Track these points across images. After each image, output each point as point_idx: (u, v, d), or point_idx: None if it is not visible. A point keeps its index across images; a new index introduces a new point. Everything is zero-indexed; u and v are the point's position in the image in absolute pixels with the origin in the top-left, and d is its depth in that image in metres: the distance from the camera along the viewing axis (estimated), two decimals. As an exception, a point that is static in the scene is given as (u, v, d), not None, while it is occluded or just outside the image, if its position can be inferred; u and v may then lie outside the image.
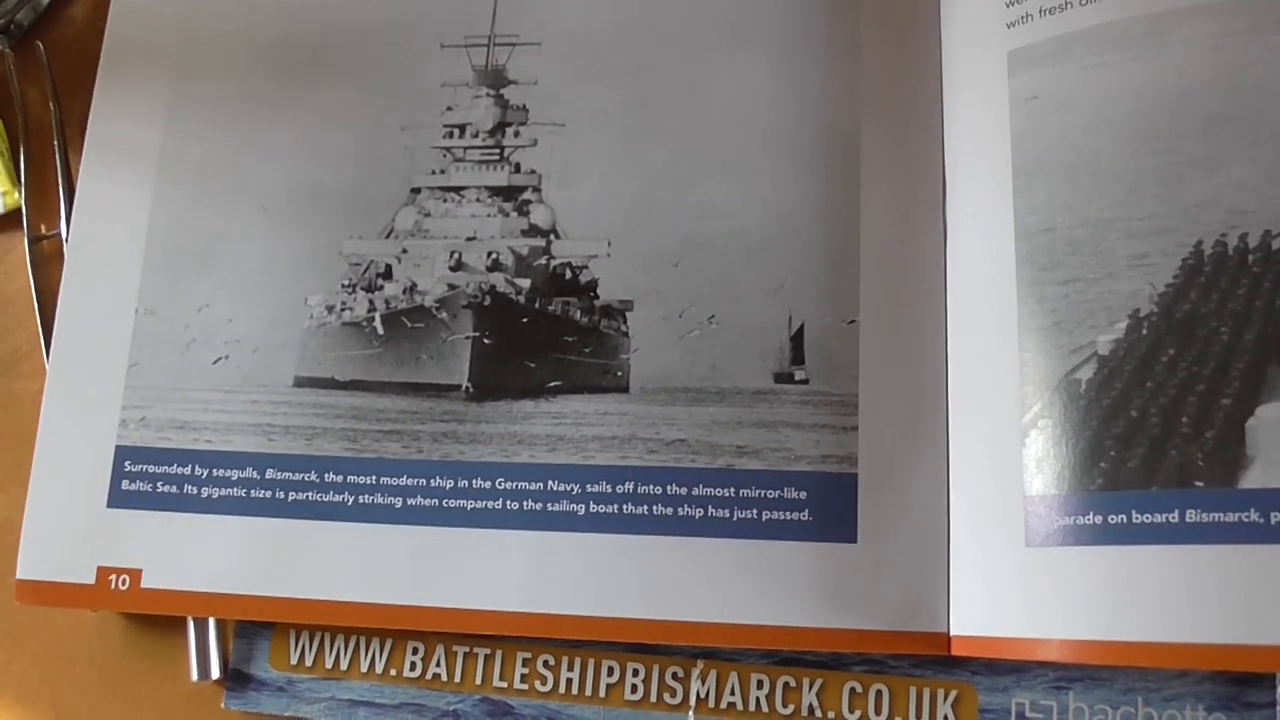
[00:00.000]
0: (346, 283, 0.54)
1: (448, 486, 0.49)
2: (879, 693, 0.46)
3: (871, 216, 0.49)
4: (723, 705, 0.47)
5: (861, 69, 0.51)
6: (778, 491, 0.47)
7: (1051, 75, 0.46)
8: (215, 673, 0.50)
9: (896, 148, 0.50)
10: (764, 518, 0.47)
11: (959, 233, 0.48)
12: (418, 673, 0.50)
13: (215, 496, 0.50)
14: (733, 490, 0.47)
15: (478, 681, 0.49)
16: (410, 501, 0.49)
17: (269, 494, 0.50)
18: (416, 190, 0.54)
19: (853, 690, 0.47)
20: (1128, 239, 0.44)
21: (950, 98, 0.49)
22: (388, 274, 0.54)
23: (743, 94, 0.52)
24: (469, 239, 0.54)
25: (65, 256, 0.55)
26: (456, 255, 0.54)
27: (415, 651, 0.50)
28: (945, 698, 0.46)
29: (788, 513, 0.47)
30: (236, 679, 0.51)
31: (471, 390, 0.52)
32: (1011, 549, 0.43)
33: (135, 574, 0.50)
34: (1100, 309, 0.43)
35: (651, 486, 0.48)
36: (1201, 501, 0.40)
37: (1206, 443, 0.41)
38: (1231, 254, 0.42)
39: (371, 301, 0.54)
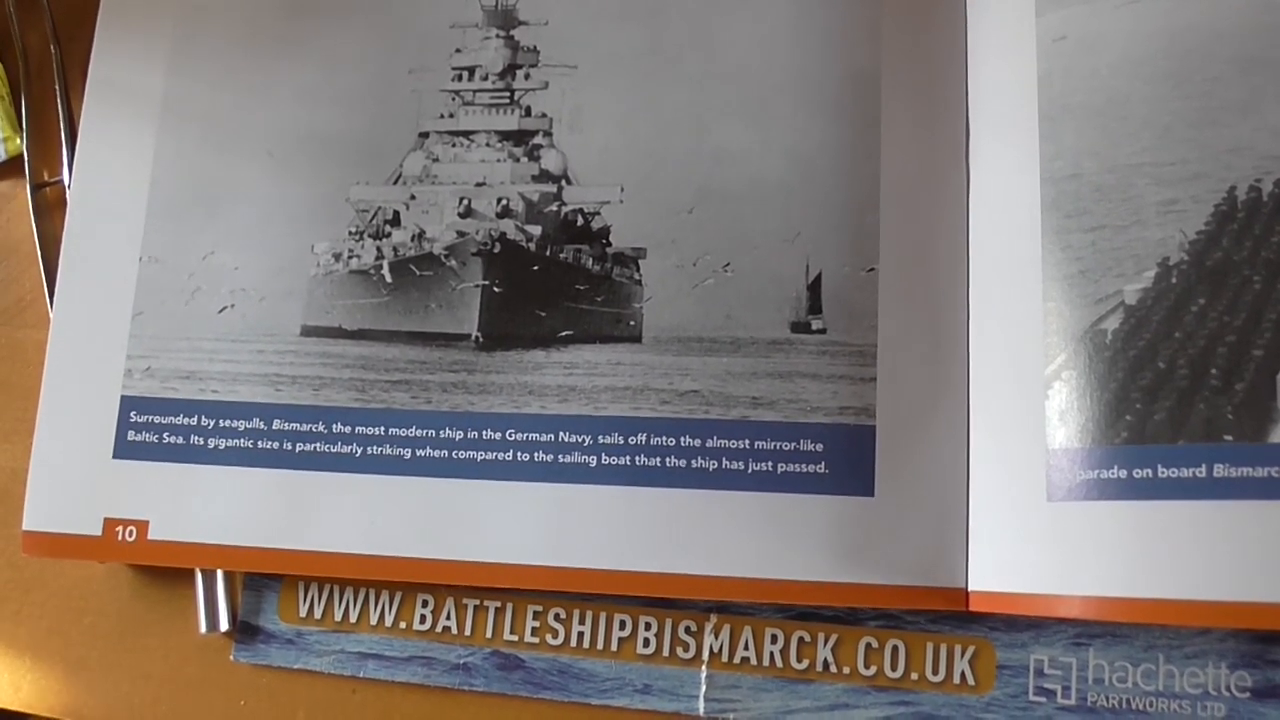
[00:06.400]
0: (354, 230, 0.53)
1: (457, 438, 0.48)
2: (895, 648, 0.46)
3: (892, 162, 0.48)
4: (736, 660, 0.47)
5: (883, 9, 0.50)
6: (793, 444, 0.46)
7: (1081, 14, 0.45)
8: (224, 625, 0.50)
9: (919, 91, 0.48)
10: (779, 470, 0.46)
11: (982, 178, 0.47)
12: (427, 625, 0.49)
13: (222, 447, 0.50)
14: (747, 442, 0.46)
15: (488, 635, 0.49)
16: (419, 453, 0.49)
17: (276, 445, 0.50)
18: (425, 135, 0.53)
19: (868, 646, 0.46)
20: (1157, 185, 0.43)
21: (975, 39, 0.48)
22: (395, 221, 0.53)
23: (761, 36, 0.51)
24: (478, 185, 0.53)
25: (68, 204, 0.54)
26: (465, 201, 0.53)
27: (425, 604, 0.49)
28: (963, 653, 0.45)
29: (804, 465, 0.46)
30: (245, 631, 0.50)
31: (481, 340, 0.51)
32: (1032, 503, 0.42)
33: (142, 525, 0.49)
34: (1128, 257, 0.42)
35: (665, 438, 0.47)
36: (1230, 456, 0.39)
37: (1236, 395, 0.40)
38: (1266, 200, 0.41)
39: (379, 249, 0.53)
